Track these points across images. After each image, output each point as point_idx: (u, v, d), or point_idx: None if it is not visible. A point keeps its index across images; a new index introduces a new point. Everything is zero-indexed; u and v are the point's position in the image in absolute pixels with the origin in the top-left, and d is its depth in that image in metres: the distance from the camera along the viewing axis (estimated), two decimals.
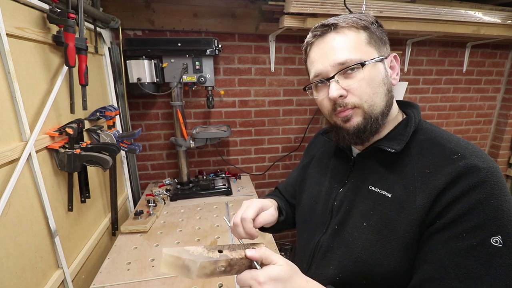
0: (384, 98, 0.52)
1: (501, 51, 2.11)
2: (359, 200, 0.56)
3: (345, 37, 0.51)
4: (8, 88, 0.73)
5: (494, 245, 0.40)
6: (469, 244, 0.41)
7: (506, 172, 2.39)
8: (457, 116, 2.20)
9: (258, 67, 1.74)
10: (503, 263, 0.39)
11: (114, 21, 1.37)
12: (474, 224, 0.41)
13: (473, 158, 0.44)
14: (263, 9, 1.54)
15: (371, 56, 0.51)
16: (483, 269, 0.40)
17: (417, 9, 1.44)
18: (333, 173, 0.65)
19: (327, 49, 0.52)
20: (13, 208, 0.73)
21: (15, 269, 0.73)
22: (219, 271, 0.43)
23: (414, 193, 0.47)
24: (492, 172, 0.43)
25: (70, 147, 0.94)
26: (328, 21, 0.53)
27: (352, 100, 0.51)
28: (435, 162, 0.47)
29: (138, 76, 1.40)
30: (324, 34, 0.53)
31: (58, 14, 0.86)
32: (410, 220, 0.46)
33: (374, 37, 0.52)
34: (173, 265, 0.41)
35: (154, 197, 1.49)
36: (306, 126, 1.90)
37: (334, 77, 0.51)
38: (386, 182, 0.52)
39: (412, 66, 1.97)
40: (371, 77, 0.50)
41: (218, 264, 0.42)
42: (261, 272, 0.43)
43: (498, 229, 0.40)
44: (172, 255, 0.41)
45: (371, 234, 0.51)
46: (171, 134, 1.73)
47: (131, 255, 1.05)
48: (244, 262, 0.45)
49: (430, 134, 0.53)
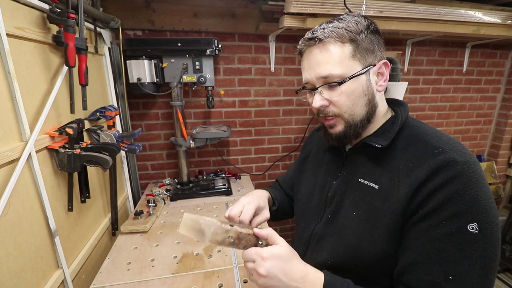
0: (365, 108, 0.57)
1: (501, 51, 2.11)
2: (350, 191, 0.61)
3: (328, 53, 0.54)
4: (8, 88, 0.73)
5: (470, 232, 0.44)
6: (448, 231, 0.45)
7: (506, 172, 2.39)
8: (457, 116, 2.20)
9: (258, 67, 1.74)
10: (479, 247, 0.43)
11: (114, 21, 1.37)
12: (452, 213, 0.45)
13: (452, 153, 0.48)
14: (263, 9, 1.54)
15: (354, 70, 0.54)
16: (460, 253, 0.44)
17: (417, 9, 1.44)
18: (328, 167, 0.71)
19: (313, 62, 0.56)
20: (13, 208, 0.73)
21: (15, 269, 0.73)
22: (228, 241, 0.49)
23: (398, 184, 0.52)
24: (469, 165, 0.47)
25: (70, 147, 0.94)
26: (315, 34, 0.55)
27: (333, 110, 0.57)
28: (418, 156, 0.52)
29: (138, 76, 1.40)
30: (311, 47, 0.56)
31: (58, 14, 0.86)
32: (393, 209, 0.51)
33: (360, 48, 0.54)
34: (190, 228, 0.47)
35: (154, 197, 1.49)
36: (306, 126, 1.90)
37: (318, 89, 0.56)
38: (374, 175, 0.57)
39: (412, 66, 1.97)
40: (351, 91, 0.54)
41: (229, 234, 0.48)
42: (265, 249, 0.48)
43: (474, 217, 0.44)
44: (192, 219, 0.48)
45: (360, 223, 0.56)
46: (171, 134, 1.73)
47: (131, 255, 1.05)
48: (251, 239, 0.51)
49: (416, 130, 0.57)
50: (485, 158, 2.38)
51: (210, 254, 1.05)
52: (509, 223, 2.19)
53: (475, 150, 2.36)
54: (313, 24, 1.38)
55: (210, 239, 0.47)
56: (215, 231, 0.47)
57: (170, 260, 1.02)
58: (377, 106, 0.59)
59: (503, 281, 2.19)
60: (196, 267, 0.98)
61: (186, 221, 0.48)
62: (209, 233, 0.47)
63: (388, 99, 0.65)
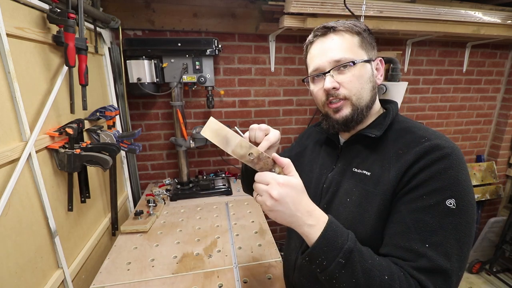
0: (369, 94, 0.62)
1: (501, 51, 2.11)
2: (345, 181, 0.64)
3: (342, 39, 0.61)
4: (8, 88, 0.73)
5: (448, 206, 0.48)
6: (427, 204, 0.49)
7: (506, 172, 2.39)
8: (457, 116, 2.20)
9: (258, 67, 1.74)
10: (454, 221, 0.47)
11: (114, 21, 1.37)
12: (433, 188, 0.49)
13: (437, 140, 0.53)
14: (263, 9, 1.54)
15: (362, 57, 0.61)
16: (437, 224, 0.48)
17: (417, 9, 1.44)
18: (323, 161, 0.74)
19: (326, 48, 0.61)
20: (13, 208, 0.73)
21: (15, 269, 0.73)
22: (249, 158, 0.50)
23: (389, 168, 0.56)
24: (453, 150, 0.51)
25: (70, 147, 0.94)
26: (328, 24, 0.62)
27: (343, 92, 0.60)
28: (407, 144, 0.57)
29: (138, 76, 1.40)
30: (325, 35, 0.62)
31: (58, 14, 0.86)
32: (385, 190, 0.55)
33: (365, 42, 0.62)
34: (216, 133, 0.48)
35: (154, 197, 1.49)
36: (306, 126, 1.90)
37: (330, 71, 0.60)
38: (366, 163, 0.62)
39: (412, 66, 1.97)
40: (360, 74, 0.60)
41: (251, 151, 0.50)
42: (282, 176, 0.50)
43: (453, 194, 0.48)
44: (218, 123, 0.48)
45: (353, 207, 0.60)
46: (171, 134, 1.73)
47: (131, 255, 1.05)
48: (268, 163, 0.52)
49: (405, 124, 0.62)
50: (485, 158, 2.38)
51: (210, 254, 1.05)
52: (509, 223, 2.19)
53: (475, 150, 2.36)
54: (313, 24, 1.38)
55: (233, 149, 0.48)
56: (240, 143, 0.48)
57: (170, 260, 1.02)
58: (376, 96, 0.65)
59: (503, 281, 2.18)
60: (196, 267, 0.98)
61: (213, 124, 0.48)
62: (234, 143, 0.48)
63: (380, 99, 0.71)
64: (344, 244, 0.47)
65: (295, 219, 0.49)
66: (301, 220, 0.49)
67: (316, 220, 0.49)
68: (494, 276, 2.24)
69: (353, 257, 0.47)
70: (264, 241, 1.13)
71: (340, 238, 0.48)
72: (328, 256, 0.47)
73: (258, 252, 1.06)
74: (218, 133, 0.48)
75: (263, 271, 0.96)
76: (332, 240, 0.48)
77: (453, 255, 0.46)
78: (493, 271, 2.25)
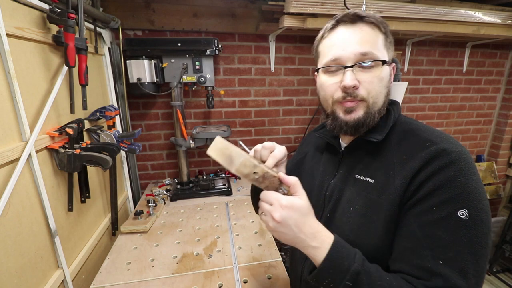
0: (384, 99, 0.57)
1: (501, 51, 2.11)
2: (347, 188, 0.61)
3: (372, 32, 0.54)
4: (8, 88, 0.73)
5: (460, 218, 0.44)
6: (438, 217, 0.45)
7: (506, 172, 2.39)
8: (457, 116, 2.20)
9: (258, 67, 1.74)
10: (468, 233, 0.44)
11: (114, 21, 1.37)
12: (443, 199, 0.46)
13: (444, 143, 0.49)
14: (263, 9, 1.54)
15: (386, 58, 0.55)
16: (451, 238, 0.44)
17: (417, 9, 1.44)
18: (325, 167, 0.71)
19: (353, 37, 0.54)
20: (13, 208, 0.73)
21: (15, 269, 0.73)
22: (253, 177, 0.49)
23: (393, 176, 0.52)
24: (461, 154, 0.48)
25: (70, 147, 0.94)
26: (359, 12, 0.55)
27: (362, 93, 0.54)
28: (411, 149, 0.53)
29: (138, 76, 1.40)
30: (354, 23, 0.55)
31: (58, 14, 0.86)
32: (390, 200, 0.51)
33: (387, 42, 0.56)
34: (220, 152, 0.47)
35: (154, 197, 1.49)
36: (306, 126, 1.90)
37: (353, 67, 0.53)
38: (369, 170, 0.58)
39: (412, 66, 1.97)
40: (382, 77, 0.54)
41: (256, 170, 0.48)
42: (286, 197, 0.47)
43: (465, 204, 0.44)
44: (224, 142, 0.47)
45: (357, 218, 0.56)
46: (171, 134, 1.73)
47: (131, 255, 1.05)
48: (274, 181, 0.50)
49: (408, 126, 0.58)
50: (485, 158, 2.38)
51: (210, 254, 1.05)
52: (509, 223, 2.19)
53: (475, 150, 2.36)
54: (313, 24, 1.38)
55: (237, 168, 0.47)
56: (244, 162, 0.47)
57: (170, 260, 1.02)
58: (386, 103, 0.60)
59: (503, 281, 2.18)
60: (196, 267, 0.98)
61: (217, 143, 0.47)
62: (238, 162, 0.47)
63: None
64: (350, 266, 0.45)
65: (299, 240, 0.48)
66: (305, 242, 0.48)
67: (320, 242, 0.48)
68: (494, 276, 2.24)
69: (361, 279, 0.45)
70: (264, 241, 1.13)
71: (347, 259, 0.46)
72: (335, 279, 0.46)
73: (258, 252, 1.06)
74: (222, 152, 0.47)
75: (263, 271, 0.96)
76: (338, 262, 0.46)
77: (469, 271, 0.43)
78: (493, 271, 2.25)
